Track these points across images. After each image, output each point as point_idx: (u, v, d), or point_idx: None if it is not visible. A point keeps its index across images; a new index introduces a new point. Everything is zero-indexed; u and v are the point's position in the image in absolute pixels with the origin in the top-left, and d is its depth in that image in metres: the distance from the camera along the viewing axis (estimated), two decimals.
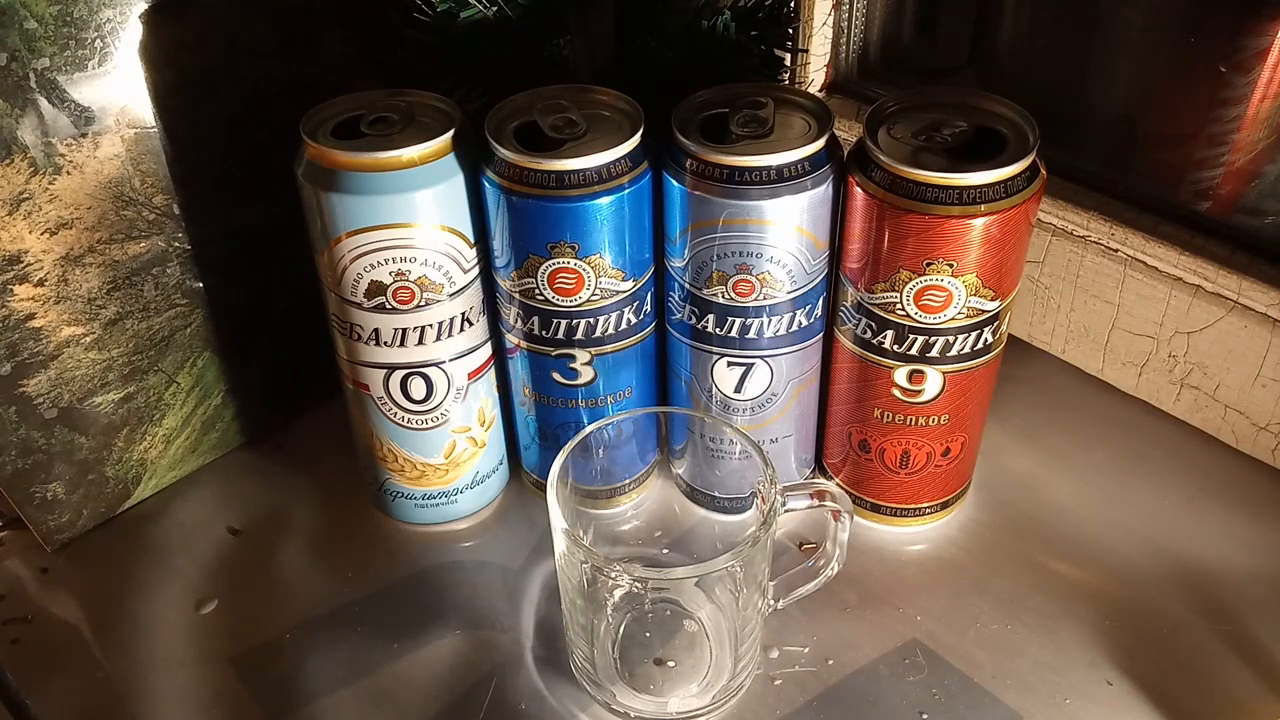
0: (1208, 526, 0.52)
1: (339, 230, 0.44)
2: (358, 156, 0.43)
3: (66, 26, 0.45)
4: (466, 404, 0.50)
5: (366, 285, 0.45)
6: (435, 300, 0.46)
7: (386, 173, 0.43)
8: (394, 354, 0.47)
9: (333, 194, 0.43)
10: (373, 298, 0.45)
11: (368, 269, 0.44)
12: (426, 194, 0.43)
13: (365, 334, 0.46)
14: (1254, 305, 0.52)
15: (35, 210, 0.47)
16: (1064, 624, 0.48)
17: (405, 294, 0.45)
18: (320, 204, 0.43)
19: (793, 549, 0.52)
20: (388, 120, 0.45)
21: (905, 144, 0.44)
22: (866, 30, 0.66)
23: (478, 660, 0.48)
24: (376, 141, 0.44)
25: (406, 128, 0.45)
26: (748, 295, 0.46)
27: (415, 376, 0.48)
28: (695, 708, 0.45)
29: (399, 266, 0.44)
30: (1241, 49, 0.52)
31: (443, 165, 0.44)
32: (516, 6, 0.48)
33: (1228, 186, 0.56)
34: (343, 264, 0.44)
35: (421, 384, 0.48)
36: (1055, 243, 0.58)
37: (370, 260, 0.44)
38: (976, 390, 0.48)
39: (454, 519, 0.54)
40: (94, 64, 0.46)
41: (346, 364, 0.49)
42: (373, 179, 0.43)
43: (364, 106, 0.46)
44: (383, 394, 0.49)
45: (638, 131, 0.44)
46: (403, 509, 0.53)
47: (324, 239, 0.44)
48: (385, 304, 0.45)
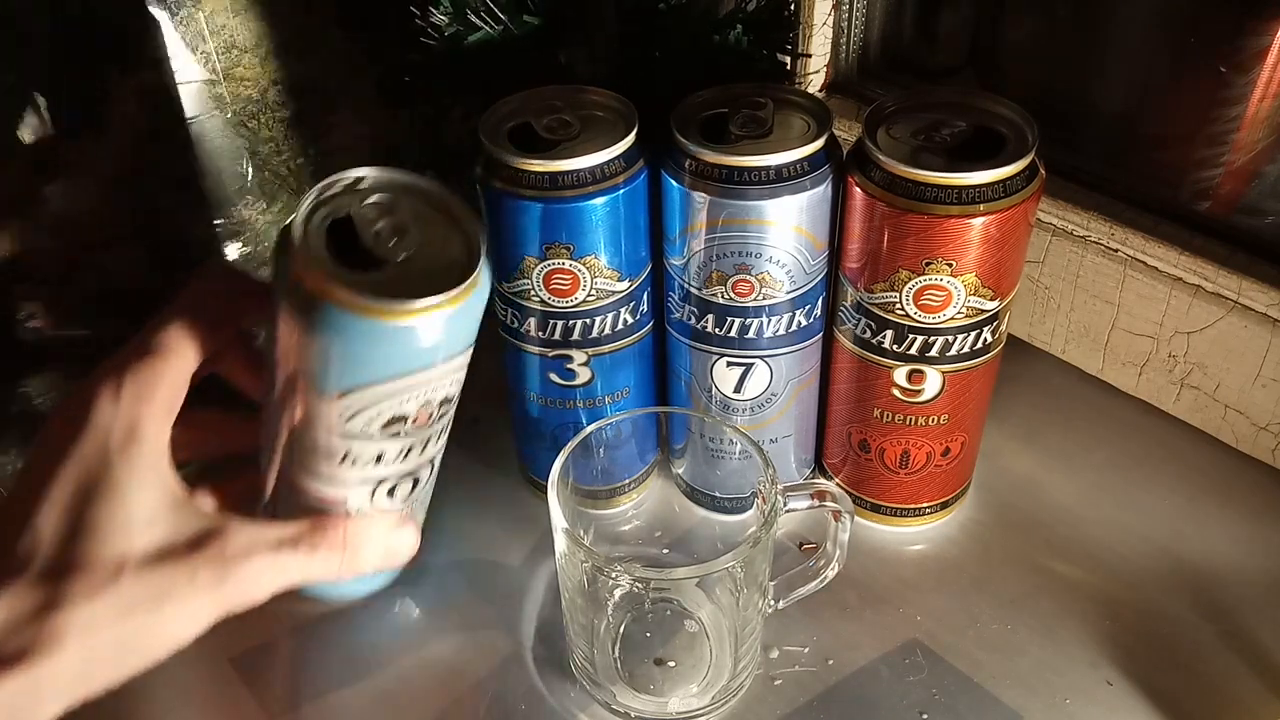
0: (1208, 526, 0.52)
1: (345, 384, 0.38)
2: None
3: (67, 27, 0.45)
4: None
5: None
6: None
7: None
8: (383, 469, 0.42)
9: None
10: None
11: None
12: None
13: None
14: (1254, 305, 0.52)
15: (35, 210, 0.47)
16: (1064, 624, 0.48)
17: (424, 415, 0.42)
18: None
19: (793, 549, 0.52)
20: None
21: (904, 144, 0.44)
22: (866, 30, 0.66)
23: (478, 660, 0.48)
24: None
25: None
26: (747, 295, 0.46)
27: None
28: (695, 708, 0.45)
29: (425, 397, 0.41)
30: (1241, 49, 0.52)
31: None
32: (522, 25, 0.48)
33: (1228, 186, 0.56)
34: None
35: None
36: (1055, 243, 0.58)
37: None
38: (976, 390, 0.48)
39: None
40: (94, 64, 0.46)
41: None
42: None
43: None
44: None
45: (632, 131, 0.44)
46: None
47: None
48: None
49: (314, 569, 0.40)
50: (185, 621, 0.36)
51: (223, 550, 0.37)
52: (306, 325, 0.36)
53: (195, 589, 0.36)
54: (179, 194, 0.51)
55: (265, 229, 0.54)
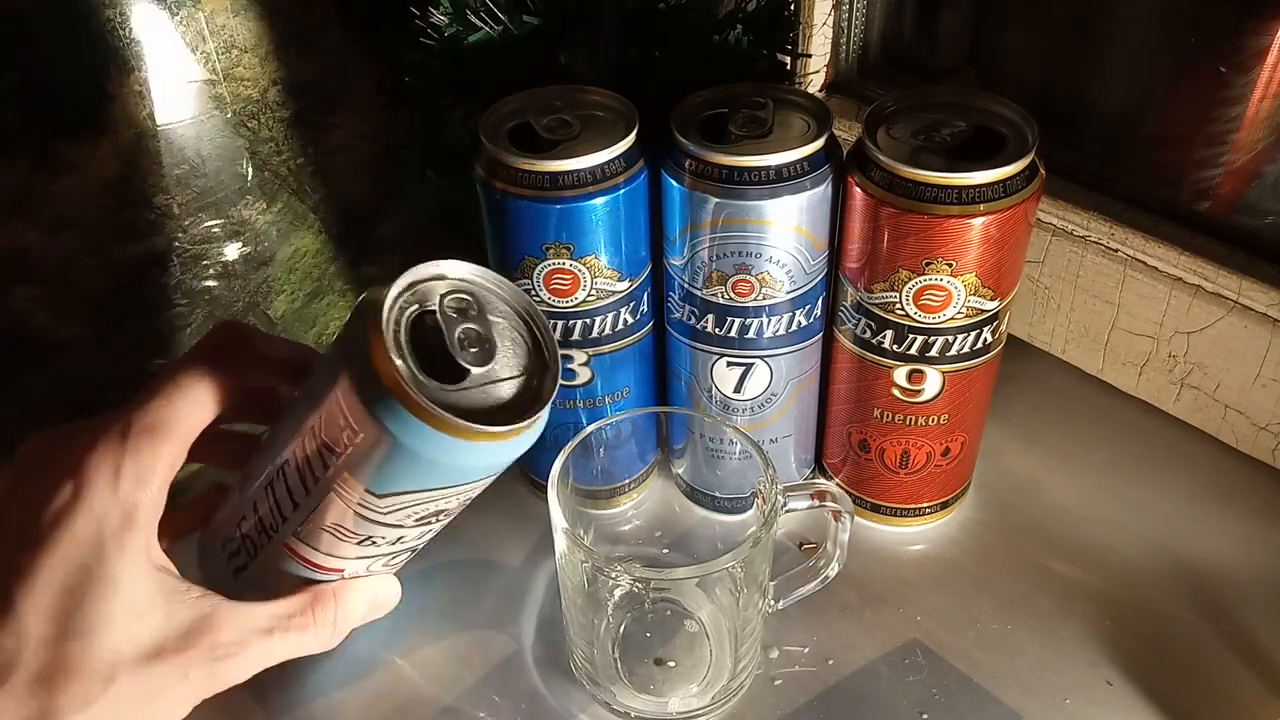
0: (1208, 526, 0.52)
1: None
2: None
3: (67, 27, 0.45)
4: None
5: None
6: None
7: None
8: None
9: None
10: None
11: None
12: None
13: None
14: (1254, 305, 0.52)
15: (35, 210, 0.47)
16: (1064, 624, 0.48)
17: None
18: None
19: (793, 549, 0.52)
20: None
21: (904, 144, 0.44)
22: (866, 30, 0.66)
23: (478, 660, 0.48)
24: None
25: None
26: (747, 295, 0.46)
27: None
28: (695, 708, 0.45)
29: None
30: (1241, 49, 0.52)
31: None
32: (522, 25, 0.48)
33: (1228, 186, 0.56)
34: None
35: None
36: (1055, 243, 0.58)
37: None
38: (976, 390, 0.48)
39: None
40: (94, 64, 0.46)
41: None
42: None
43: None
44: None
45: (632, 132, 0.44)
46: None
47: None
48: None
49: (304, 646, 0.40)
50: (177, 713, 0.36)
51: (214, 643, 0.36)
52: (373, 419, 0.34)
53: (187, 686, 0.35)
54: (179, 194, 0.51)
55: (265, 229, 0.54)
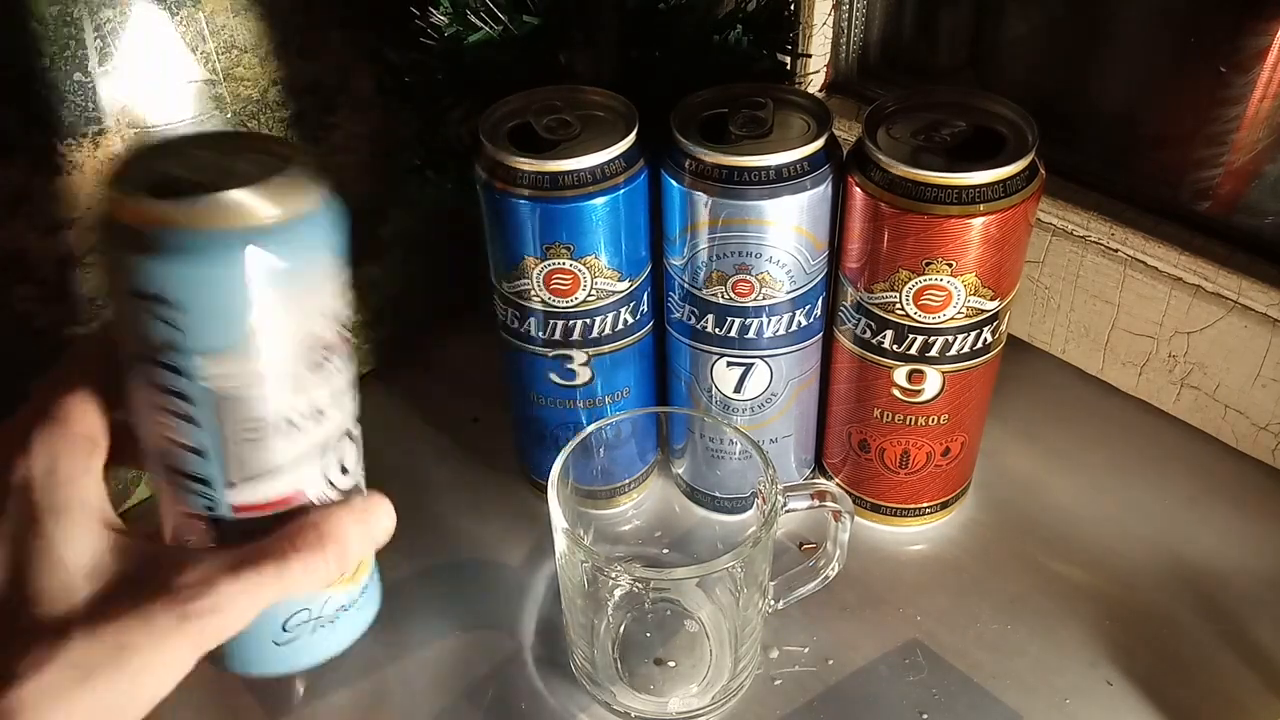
0: (1208, 526, 0.52)
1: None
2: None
3: (66, 26, 0.45)
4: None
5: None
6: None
7: None
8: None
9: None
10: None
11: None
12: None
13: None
14: (1254, 305, 0.52)
15: (35, 210, 0.47)
16: (1064, 624, 0.48)
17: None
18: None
19: (793, 549, 0.52)
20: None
21: (904, 144, 0.44)
22: (866, 30, 0.66)
23: (478, 660, 0.48)
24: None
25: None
26: (747, 295, 0.46)
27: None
28: (695, 708, 0.45)
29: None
30: (1241, 49, 0.52)
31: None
32: (522, 25, 0.48)
33: (1228, 186, 0.56)
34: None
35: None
36: (1055, 243, 0.58)
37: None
38: (976, 390, 0.48)
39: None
40: (94, 64, 0.46)
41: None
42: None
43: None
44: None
45: (632, 131, 0.44)
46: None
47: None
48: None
49: (293, 580, 0.36)
50: (159, 672, 0.33)
51: (176, 585, 0.33)
52: (138, 265, 0.31)
53: (155, 635, 0.32)
54: None
55: None
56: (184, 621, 0.33)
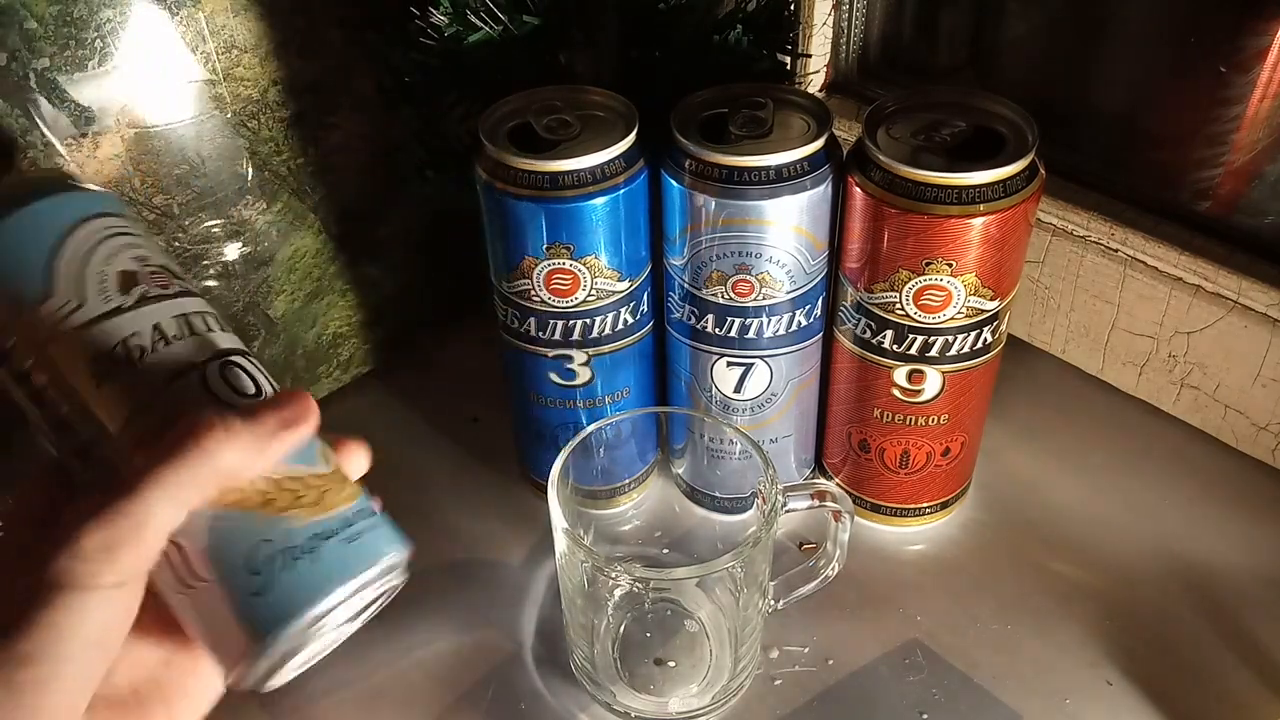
0: (1208, 526, 0.52)
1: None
2: None
3: (66, 26, 0.45)
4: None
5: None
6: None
7: None
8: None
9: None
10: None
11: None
12: None
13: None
14: (1254, 305, 0.52)
15: None
16: (1064, 624, 0.48)
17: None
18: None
19: (793, 549, 0.52)
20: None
21: (904, 144, 0.44)
22: (866, 30, 0.66)
23: (478, 660, 0.48)
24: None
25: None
26: (747, 295, 0.46)
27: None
28: (695, 708, 0.45)
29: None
30: (1241, 49, 0.52)
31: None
32: (522, 25, 0.48)
33: (1228, 186, 0.56)
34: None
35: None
36: (1055, 243, 0.58)
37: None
38: (976, 390, 0.48)
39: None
40: (94, 64, 0.46)
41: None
42: None
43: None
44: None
45: (632, 131, 0.44)
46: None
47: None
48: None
49: (158, 487, 0.32)
50: (58, 588, 0.31)
51: (39, 554, 0.31)
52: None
53: (35, 602, 0.30)
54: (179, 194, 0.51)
55: (265, 229, 0.54)
56: (73, 562, 0.31)
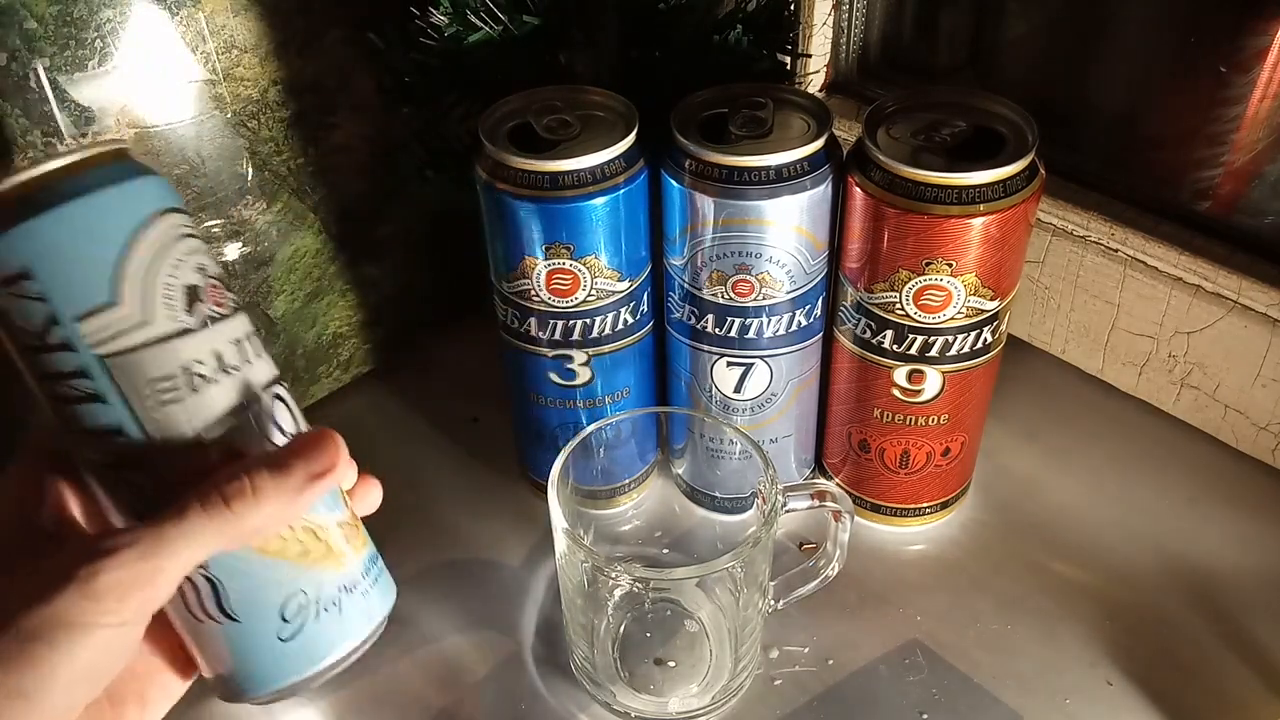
0: (1208, 526, 0.52)
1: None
2: None
3: (66, 26, 0.45)
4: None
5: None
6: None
7: None
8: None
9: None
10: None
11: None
12: None
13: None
14: (1254, 305, 0.52)
15: None
16: (1064, 624, 0.48)
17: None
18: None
19: (793, 549, 0.52)
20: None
21: (904, 144, 0.44)
22: (866, 30, 0.66)
23: (478, 660, 0.48)
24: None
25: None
26: (747, 295, 0.46)
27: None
28: (695, 708, 0.45)
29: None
30: (1241, 49, 0.52)
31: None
32: (522, 25, 0.48)
33: (1228, 186, 0.56)
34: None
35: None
36: (1055, 243, 0.58)
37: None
38: (976, 390, 0.48)
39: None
40: (94, 64, 0.46)
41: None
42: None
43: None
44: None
45: (632, 132, 0.44)
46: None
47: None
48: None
49: (197, 534, 0.33)
50: (64, 657, 0.31)
51: (71, 563, 0.31)
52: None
53: (50, 591, 0.31)
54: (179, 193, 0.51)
55: (265, 229, 0.54)
56: (71, 570, 0.31)
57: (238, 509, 0.33)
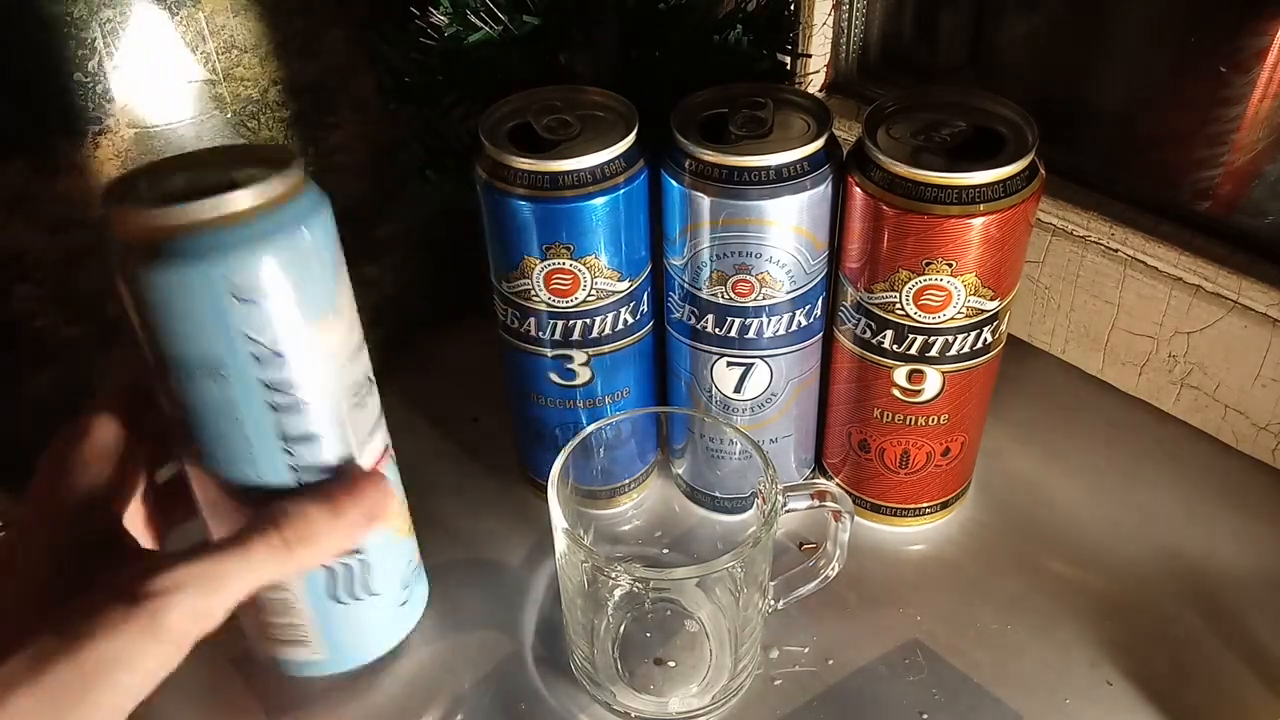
0: (1208, 526, 0.52)
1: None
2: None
3: (67, 26, 0.45)
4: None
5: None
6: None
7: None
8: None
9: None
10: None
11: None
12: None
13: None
14: (1254, 305, 0.52)
15: (35, 210, 0.47)
16: (1064, 624, 0.48)
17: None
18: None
19: (793, 549, 0.52)
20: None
21: (904, 144, 0.44)
22: (866, 30, 0.66)
23: (478, 660, 0.48)
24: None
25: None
26: (747, 295, 0.46)
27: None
28: (695, 708, 0.45)
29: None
30: (1241, 49, 0.52)
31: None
32: (522, 25, 0.48)
33: (1228, 186, 0.56)
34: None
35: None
36: (1055, 243, 0.58)
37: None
38: (976, 390, 0.48)
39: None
40: (94, 64, 0.46)
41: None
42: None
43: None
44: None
45: (632, 132, 0.44)
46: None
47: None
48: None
49: (257, 565, 0.35)
50: (122, 663, 0.32)
51: (131, 576, 0.33)
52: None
53: (112, 625, 0.32)
54: None
55: None
56: (134, 607, 0.32)
57: (297, 551, 0.36)
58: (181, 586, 0.33)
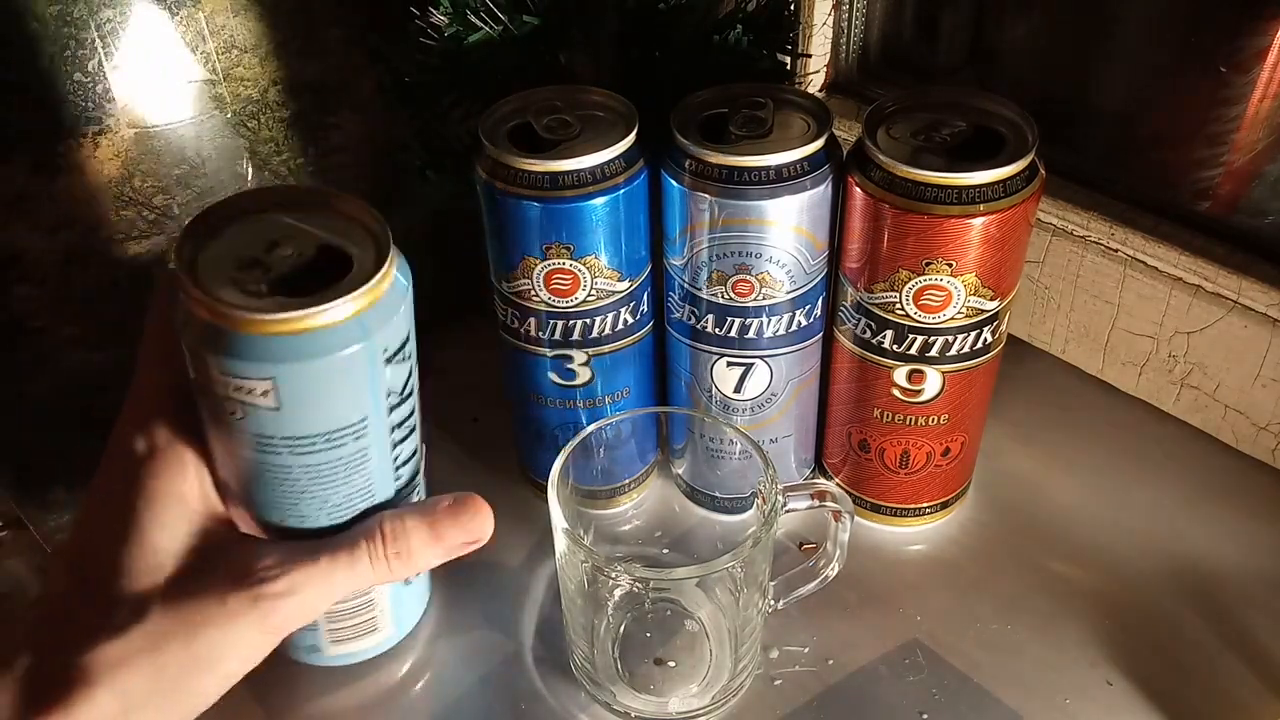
0: (1208, 526, 0.52)
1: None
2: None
3: (66, 26, 0.45)
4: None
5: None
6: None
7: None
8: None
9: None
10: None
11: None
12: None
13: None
14: (1254, 305, 0.52)
15: (35, 210, 0.47)
16: (1064, 624, 0.48)
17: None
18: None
19: (793, 549, 0.52)
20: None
21: (904, 144, 0.44)
22: (866, 30, 0.66)
23: (478, 660, 0.48)
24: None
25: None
26: (747, 295, 0.46)
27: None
28: (695, 708, 0.45)
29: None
30: (1241, 49, 0.52)
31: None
32: (522, 25, 0.48)
33: (1228, 186, 0.56)
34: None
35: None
36: (1055, 243, 0.58)
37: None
38: (976, 390, 0.48)
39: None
40: (94, 64, 0.46)
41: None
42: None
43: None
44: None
45: (632, 131, 0.44)
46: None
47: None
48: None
49: (363, 573, 0.37)
50: (227, 651, 0.34)
51: (252, 569, 0.35)
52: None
53: (225, 615, 0.34)
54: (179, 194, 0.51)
55: None
56: (255, 603, 0.35)
57: (396, 568, 0.38)
58: (296, 590, 0.35)
